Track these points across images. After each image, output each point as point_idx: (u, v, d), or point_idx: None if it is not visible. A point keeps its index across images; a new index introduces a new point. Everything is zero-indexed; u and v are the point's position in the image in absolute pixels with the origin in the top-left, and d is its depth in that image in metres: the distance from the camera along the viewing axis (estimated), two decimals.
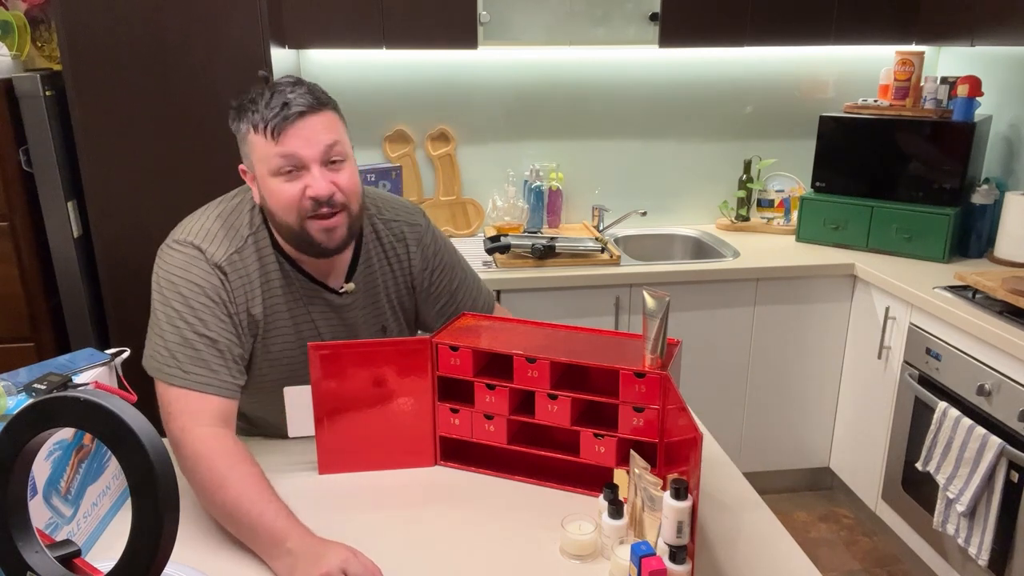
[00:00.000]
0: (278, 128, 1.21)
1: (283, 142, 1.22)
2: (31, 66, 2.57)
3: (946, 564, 2.27)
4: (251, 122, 1.24)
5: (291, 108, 1.21)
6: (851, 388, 2.74)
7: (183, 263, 1.27)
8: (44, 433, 0.73)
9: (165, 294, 1.26)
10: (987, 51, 2.82)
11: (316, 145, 1.23)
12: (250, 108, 1.24)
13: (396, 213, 1.47)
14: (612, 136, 3.05)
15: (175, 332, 1.24)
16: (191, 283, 1.26)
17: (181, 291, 1.26)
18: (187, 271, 1.27)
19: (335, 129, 1.27)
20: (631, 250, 2.98)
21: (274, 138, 1.22)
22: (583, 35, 2.63)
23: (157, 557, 0.69)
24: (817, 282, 2.67)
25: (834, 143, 2.79)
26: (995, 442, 1.98)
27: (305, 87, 1.25)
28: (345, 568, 1.03)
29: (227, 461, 1.17)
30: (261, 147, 1.24)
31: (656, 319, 1.20)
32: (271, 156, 1.23)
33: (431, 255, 1.50)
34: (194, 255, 1.27)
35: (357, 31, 2.49)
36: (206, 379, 1.24)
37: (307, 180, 1.24)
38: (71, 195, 2.26)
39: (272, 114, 1.21)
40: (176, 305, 1.25)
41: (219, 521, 1.19)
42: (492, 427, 1.33)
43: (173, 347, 1.24)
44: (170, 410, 1.23)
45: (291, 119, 1.21)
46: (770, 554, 1.17)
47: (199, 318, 1.25)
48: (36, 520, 0.82)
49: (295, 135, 1.22)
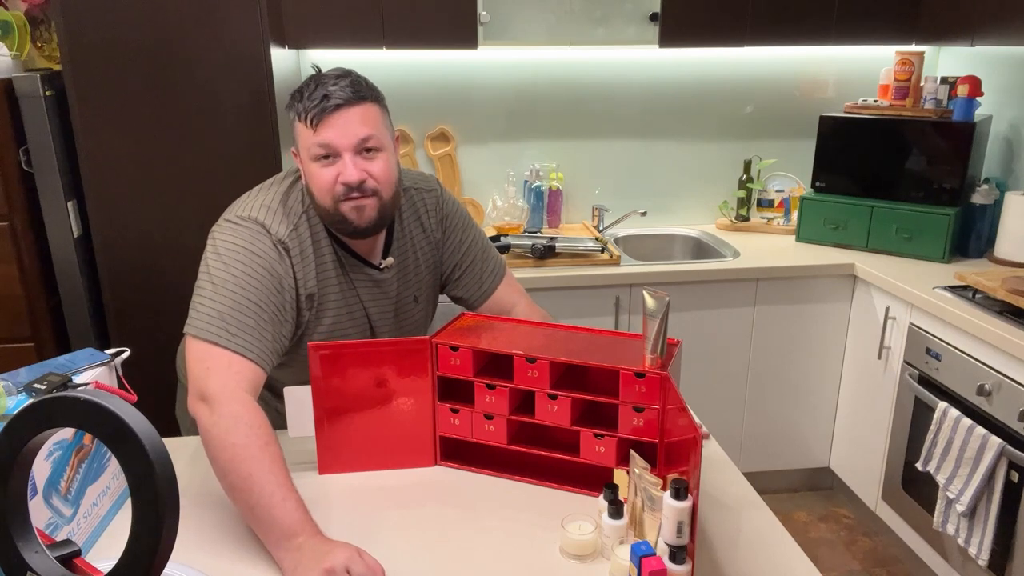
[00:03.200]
0: (317, 118, 1.30)
1: (320, 131, 1.30)
2: (31, 66, 2.57)
3: (946, 564, 2.27)
4: (296, 111, 1.33)
5: (330, 100, 1.29)
6: (851, 388, 2.74)
7: (248, 236, 1.32)
8: (44, 433, 0.73)
9: (225, 260, 1.30)
10: (987, 51, 2.82)
11: (350, 136, 1.30)
12: (297, 98, 1.33)
13: (414, 181, 1.55)
14: (612, 136, 3.05)
15: (229, 295, 1.27)
16: (254, 254, 1.31)
17: (244, 261, 1.30)
18: (251, 243, 1.32)
19: (372, 121, 1.33)
20: (631, 250, 2.98)
21: (313, 127, 1.30)
22: (583, 35, 2.63)
23: (157, 557, 0.69)
24: (817, 282, 2.67)
25: (834, 143, 2.79)
26: (995, 442, 1.98)
27: (349, 79, 1.32)
28: (349, 566, 1.04)
29: (265, 437, 1.16)
30: (303, 135, 1.32)
31: (656, 319, 1.20)
32: (311, 144, 1.31)
33: (446, 214, 1.58)
34: (258, 231, 1.33)
35: (357, 31, 2.49)
36: (249, 344, 1.26)
37: (340, 167, 1.31)
38: (71, 195, 2.26)
39: (313, 104, 1.30)
40: (235, 271, 1.29)
41: (229, 492, 1.16)
42: (492, 427, 1.33)
43: (224, 310, 1.26)
44: (208, 366, 1.23)
45: (328, 110, 1.29)
46: (770, 554, 1.17)
47: (255, 287, 1.29)
48: (36, 520, 0.82)
49: (331, 125, 1.29)
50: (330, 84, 1.31)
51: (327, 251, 1.40)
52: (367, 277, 1.45)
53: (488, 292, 1.61)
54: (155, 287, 2.31)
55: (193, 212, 2.26)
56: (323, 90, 1.30)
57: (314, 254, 1.38)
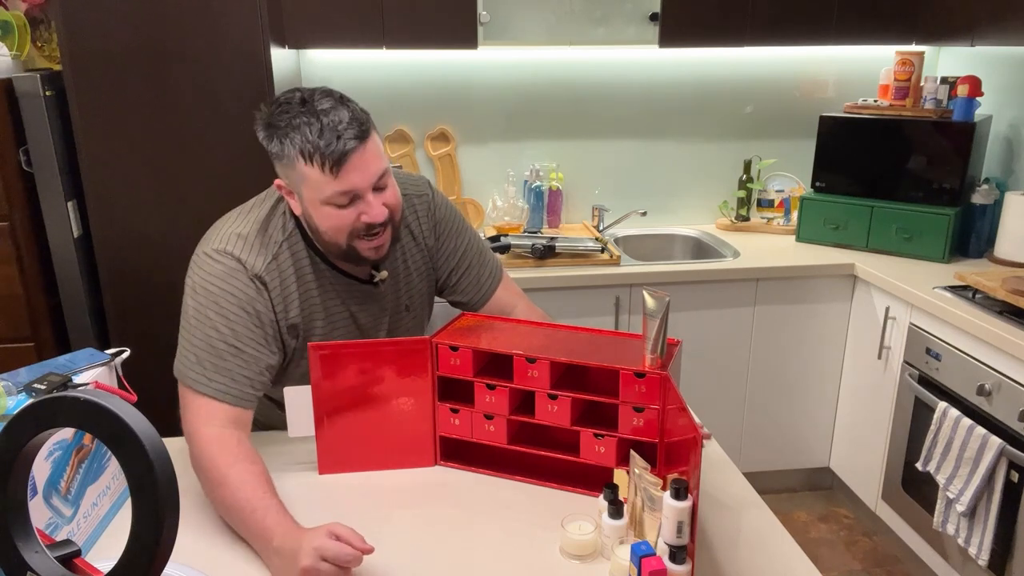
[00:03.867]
0: (337, 165, 1.21)
1: (342, 177, 1.22)
2: (31, 66, 2.57)
3: (946, 564, 2.27)
4: (300, 149, 1.21)
5: (345, 143, 1.20)
6: (851, 388, 2.74)
7: (222, 274, 1.28)
8: (44, 433, 0.73)
9: (201, 301, 1.27)
10: (987, 51, 2.82)
11: (370, 176, 1.25)
12: (294, 134, 1.21)
13: (404, 187, 1.47)
14: (612, 136, 3.05)
15: (205, 339, 1.26)
16: (229, 294, 1.27)
17: (218, 300, 1.27)
18: (226, 281, 1.27)
19: (380, 152, 1.27)
20: (631, 250, 2.98)
21: (332, 174, 1.21)
22: (583, 35, 2.63)
23: (157, 557, 0.69)
24: (817, 282, 2.67)
25: (834, 143, 2.79)
26: (995, 442, 1.98)
27: (348, 112, 1.23)
28: (321, 554, 1.03)
29: (227, 460, 1.19)
30: (315, 179, 1.23)
31: (656, 319, 1.20)
32: (327, 190, 1.23)
33: (439, 220, 1.52)
34: (234, 267, 1.28)
35: (357, 31, 2.49)
36: (226, 388, 1.26)
37: (361, 207, 1.26)
38: (71, 195, 2.26)
39: (329, 149, 1.20)
40: (210, 313, 1.26)
41: (224, 518, 1.21)
42: (492, 427, 1.33)
43: (201, 354, 1.26)
44: (187, 411, 1.27)
45: (348, 155, 1.21)
46: (770, 554, 1.17)
47: (231, 328, 1.26)
48: (36, 520, 0.82)
49: (352, 169, 1.22)
50: (336, 121, 1.21)
51: (310, 277, 1.36)
52: (360, 292, 1.42)
53: (487, 295, 1.58)
54: (155, 287, 2.31)
55: (193, 212, 2.26)
56: (332, 131, 1.20)
57: (296, 283, 1.34)
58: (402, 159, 2.92)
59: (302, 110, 1.22)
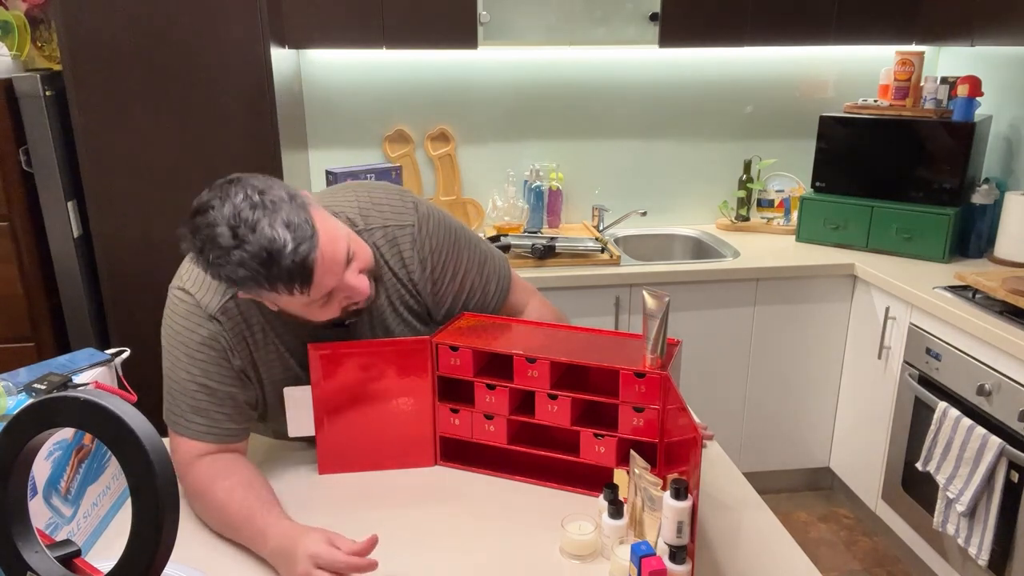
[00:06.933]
0: (304, 284, 1.11)
1: (315, 288, 1.13)
2: (31, 66, 2.57)
3: (946, 564, 2.27)
4: (261, 287, 1.11)
5: (305, 259, 1.09)
6: (851, 388, 2.74)
7: (184, 312, 1.25)
8: (44, 433, 0.73)
9: (171, 342, 1.26)
10: (987, 51, 2.82)
11: (340, 267, 1.15)
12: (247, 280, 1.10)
13: (385, 218, 1.35)
14: (612, 136, 3.05)
15: (177, 382, 1.26)
16: (191, 331, 1.24)
17: (183, 340, 1.25)
18: (187, 319, 1.25)
19: (334, 233, 1.15)
20: (631, 250, 2.98)
21: (304, 293, 1.13)
22: (583, 35, 2.63)
23: (157, 557, 0.69)
24: (817, 282, 2.67)
25: (834, 143, 2.79)
26: (995, 442, 1.98)
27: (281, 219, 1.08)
28: (316, 561, 1.04)
29: (215, 483, 1.21)
30: (286, 299, 1.15)
31: (656, 319, 1.20)
32: (303, 305, 1.17)
33: (429, 252, 1.37)
34: (191, 304, 1.25)
35: (357, 31, 2.49)
36: (206, 428, 1.25)
37: (344, 292, 1.18)
38: (71, 195, 2.26)
39: (289, 277, 1.10)
40: (178, 354, 1.25)
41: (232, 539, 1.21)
42: (492, 427, 1.33)
43: (176, 395, 1.26)
44: (175, 454, 1.27)
45: (311, 269, 1.10)
46: (770, 554, 1.17)
47: (200, 368, 1.24)
48: (36, 520, 0.82)
49: (321, 276, 1.12)
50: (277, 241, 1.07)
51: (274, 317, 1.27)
52: (330, 333, 1.31)
53: (497, 309, 1.49)
54: (155, 287, 2.29)
55: None
56: (281, 255, 1.07)
57: (260, 321, 1.27)
58: (402, 159, 2.92)
59: (235, 246, 1.08)
